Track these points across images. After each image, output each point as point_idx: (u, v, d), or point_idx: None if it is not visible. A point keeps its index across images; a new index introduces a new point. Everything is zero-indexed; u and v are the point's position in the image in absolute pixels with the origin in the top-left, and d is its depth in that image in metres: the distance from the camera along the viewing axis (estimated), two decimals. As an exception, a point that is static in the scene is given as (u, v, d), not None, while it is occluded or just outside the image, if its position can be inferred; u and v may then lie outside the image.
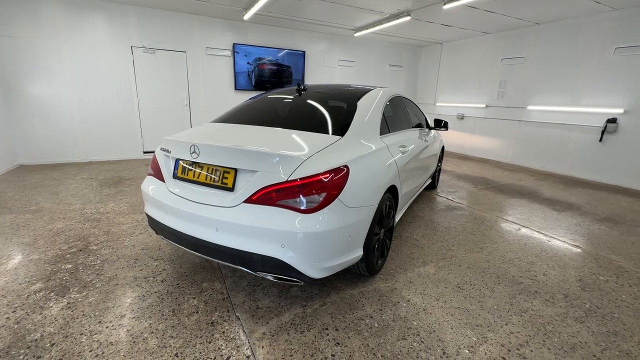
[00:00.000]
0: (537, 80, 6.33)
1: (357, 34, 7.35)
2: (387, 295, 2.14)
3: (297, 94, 2.68)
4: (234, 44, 6.68)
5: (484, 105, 7.41)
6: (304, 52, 7.42)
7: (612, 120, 5.28)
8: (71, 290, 2.08)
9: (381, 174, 2.12)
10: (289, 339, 1.74)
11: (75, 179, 4.74)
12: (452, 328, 1.86)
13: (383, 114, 2.54)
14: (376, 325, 1.86)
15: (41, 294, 2.04)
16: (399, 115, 2.98)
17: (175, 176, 2.00)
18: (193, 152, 1.85)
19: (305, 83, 7.69)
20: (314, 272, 1.69)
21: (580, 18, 5.56)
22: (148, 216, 2.15)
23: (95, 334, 1.72)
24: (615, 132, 5.29)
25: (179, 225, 1.87)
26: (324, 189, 1.62)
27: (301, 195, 1.61)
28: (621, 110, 5.17)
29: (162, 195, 2.00)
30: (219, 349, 1.65)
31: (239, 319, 1.88)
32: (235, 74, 6.87)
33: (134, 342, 1.67)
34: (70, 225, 3.09)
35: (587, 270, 2.56)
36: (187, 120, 6.72)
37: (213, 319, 1.87)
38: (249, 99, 2.99)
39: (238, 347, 1.67)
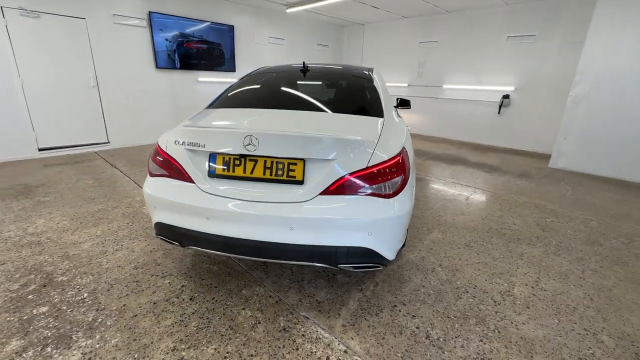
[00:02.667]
0: (449, 62, 7.34)
1: (289, 10, 7.06)
2: (422, 264, 2.32)
3: (303, 74, 2.50)
4: (149, 12, 5.59)
5: (406, 85, 8.23)
6: (233, 26, 6.75)
7: (507, 96, 6.60)
8: (75, 338, 1.58)
9: (412, 150, 2.22)
10: (370, 324, 1.75)
11: (-50, 194, 3.39)
12: (485, 280, 2.16)
13: None
14: (432, 292, 2.02)
15: (30, 353, 1.49)
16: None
17: (213, 174, 1.68)
18: (249, 144, 1.58)
19: (240, 61, 7.12)
20: (392, 254, 1.71)
21: (480, 9, 6.61)
22: (165, 226, 1.76)
23: (156, 378, 1.39)
24: (509, 106, 6.64)
25: (234, 231, 1.60)
26: (400, 171, 1.63)
27: (384, 180, 1.58)
28: (512, 88, 6.50)
29: (194, 198, 1.66)
30: (312, 352, 1.55)
31: (308, 318, 1.77)
32: (155, 51, 5.81)
33: (213, 373, 1.42)
34: (0, 257, 2.26)
35: (537, 216, 3.27)
36: (98, 106, 5.44)
37: (282, 325, 1.71)
38: (243, 78, 2.62)
39: (328, 345, 1.60)
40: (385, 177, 1.59)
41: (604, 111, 4.69)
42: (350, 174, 1.56)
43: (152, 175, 1.84)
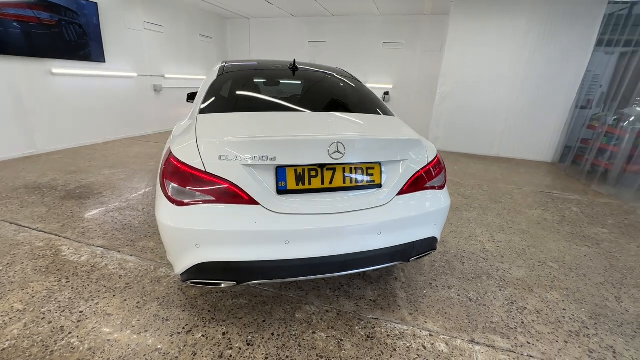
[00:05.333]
0: (338, 61, 8.04)
1: (171, -7, 6.07)
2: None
3: (292, 72, 2.34)
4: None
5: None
6: (96, 3, 5.28)
7: (387, 93, 7.86)
8: None
9: None
10: (427, 304, 1.93)
11: None
12: (465, 244, 2.69)
13: None
14: (444, 264, 2.37)
15: None
16: None
17: (283, 190, 1.42)
18: (335, 152, 1.42)
19: (112, 49, 5.74)
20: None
21: (361, 16, 7.54)
22: (214, 265, 1.40)
23: None
24: (389, 101, 7.93)
25: (320, 250, 1.43)
26: (442, 165, 1.83)
27: (437, 175, 1.75)
28: (391, 86, 7.79)
29: (266, 222, 1.38)
30: (409, 347, 1.61)
31: (378, 319, 1.80)
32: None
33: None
34: None
35: (492, 189, 4.18)
36: None
37: (363, 334, 1.68)
38: (223, 75, 2.18)
39: (414, 335, 1.69)
40: (437, 171, 1.77)
41: (460, 105, 6.31)
42: (417, 172, 1.66)
43: (181, 204, 1.40)
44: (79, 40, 5.11)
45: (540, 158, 6.12)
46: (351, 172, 1.53)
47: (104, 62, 5.58)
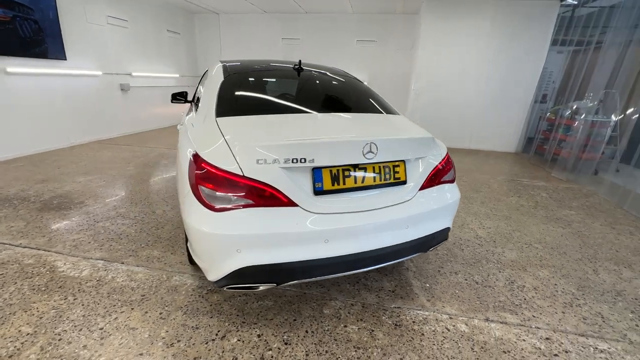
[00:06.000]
0: (313, 58, 8.07)
1: (137, -14, 5.70)
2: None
3: (296, 73, 2.35)
4: None
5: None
6: (53, -5, 4.83)
7: (362, 90, 8.03)
8: None
9: None
10: (441, 290, 2.07)
11: None
12: (460, 231, 2.89)
13: None
14: (445, 252, 2.54)
15: None
16: None
17: (320, 191, 1.46)
18: (369, 152, 1.47)
19: (74, 46, 5.32)
20: (449, 228, 2.07)
21: (335, 14, 7.62)
22: (256, 269, 1.41)
23: None
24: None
25: (357, 247, 1.50)
26: (451, 160, 1.97)
27: (449, 170, 1.88)
28: (365, 83, 7.96)
29: (306, 223, 1.42)
30: (434, 331, 1.73)
31: (400, 307, 1.90)
32: None
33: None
34: None
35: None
36: None
37: (391, 323, 1.77)
38: (228, 76, 2.13)
39: (437, 320, 1.81)
40: (449, 166, 1.90)
41: (433, 101, 6.65)
42: (434, 167, 1.78)
43: (220, 209, 1.38)
44: (34, 36, 4.66)
45: (505, 149, 6.65)
46: (380, 171, 1.60)
47: (65, 59, 5.13)
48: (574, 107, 5.24)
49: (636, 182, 4.28)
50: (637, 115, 4.56)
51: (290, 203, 1.43)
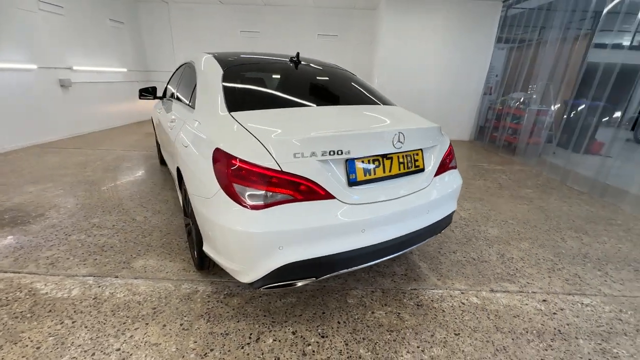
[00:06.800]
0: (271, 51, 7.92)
1: (76, -32, 5.03)
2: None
3: (294, 66, 2.30)
4: None
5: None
6: (-32, -26, 4.05)
7: (325, 84, 8.09)
8: None
9: None
10: (447, 269, 2.22)
11: None
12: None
13: None
14: (447, 235, 2.72)
15: None
16: None
17: (354, 182, 1.47)
18: (398, 142, 1.51)
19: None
20: (452, 211, 2.22)
21: (296, 7, 7.52)
22: (298, 265, 1.39)
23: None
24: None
25: (389, 234, 1.54)
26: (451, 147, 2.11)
27: (453, 156, 2.01)
28: (329, 77, 8.04)
29: (345, 214, 1.42)
30: (452, 306, 1.86)
31: (416, 289, 2.01)
32: None
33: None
34: None
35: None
36: None
37: (414, 303, 1.86)
38: (229, 70, 2.03)
39: (451, 296, 1.95)
40: (452, 153, 2.04)
41: (396, 93, 6.94)
42: (444, 155, 1.89)
43: (258, 207, 1.32)
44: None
45: (461, 137, 7.24)
46: (404, 160, 1.66)
47: (-11, 50, 4.37)
48: (521, 99, 5.89)
49: (571, 163, 4.98)
50: (568, 105, 5.29)
51: (328, 196, 1.42)
